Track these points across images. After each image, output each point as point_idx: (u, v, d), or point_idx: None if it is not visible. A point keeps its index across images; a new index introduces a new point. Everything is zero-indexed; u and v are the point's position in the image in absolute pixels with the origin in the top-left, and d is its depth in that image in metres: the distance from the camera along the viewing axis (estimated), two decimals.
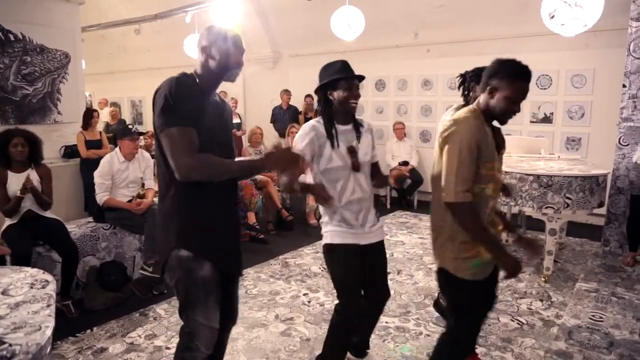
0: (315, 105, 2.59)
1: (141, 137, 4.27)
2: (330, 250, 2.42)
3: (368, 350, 2.79)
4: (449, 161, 1.93)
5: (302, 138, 2.32)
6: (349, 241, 2.36)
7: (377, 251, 2.49)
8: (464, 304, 2.12)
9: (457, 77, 2.95)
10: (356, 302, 2.41)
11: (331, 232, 2.39)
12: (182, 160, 1.70)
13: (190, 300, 1.90)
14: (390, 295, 2.61)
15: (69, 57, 5.48)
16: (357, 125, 2.42)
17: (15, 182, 3.47)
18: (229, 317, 2.10)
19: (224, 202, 1.97)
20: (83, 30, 7.16)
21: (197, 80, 1.88)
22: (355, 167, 2.36)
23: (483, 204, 2.00)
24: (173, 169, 1.73)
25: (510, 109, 1.94)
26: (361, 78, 2.36)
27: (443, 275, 2.12)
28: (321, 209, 2.47)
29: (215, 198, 1.90)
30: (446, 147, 1.96)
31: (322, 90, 2.34)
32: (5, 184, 3.45)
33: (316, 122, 2.37)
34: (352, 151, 2.34)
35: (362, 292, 2.48)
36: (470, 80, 2.86)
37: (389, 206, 6.80)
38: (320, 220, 2.51)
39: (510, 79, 1.89)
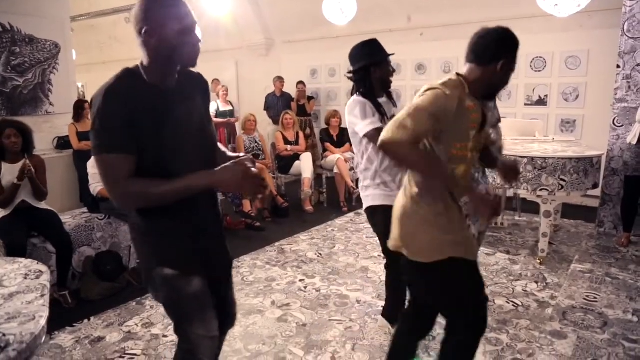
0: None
1: None
2: (374, 212, 2.59)
3: None
4: (404, 110, 1.73)
5: (362, 107, 2.48)
6: (388, 202, 2.46)
7: None
8: (468, 292, 1.94)
9: None
10: (397, 262, 2.44)
11: (372, 195, 2.58)
12: (113, 192, 1.51)
13: (186, 316, 1.70)
14: None
15: (58, 47, 5.43)
16: (391, 97, 2.68)
17: (9, 172, 3.45)
18: (224, 321, 1.91)
19: (204, 202, 1.73)
20: (72, 19, 7.09)
21: (144, 74, 1.55)
22: None
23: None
24: (110, 198, 1.55)
25: (507, 83, 1.87)
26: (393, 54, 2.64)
27: (439, 268, 1.88)
28: (362, 174, 2.61)
29: (187, 204, 1.61)
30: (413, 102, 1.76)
31: (365, 69, 2.53)
32: None
33: (360, 97, 2.53)
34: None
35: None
36: None
37: None
38: (360, 186, 2.66)
39: (515, 52, 1.82)
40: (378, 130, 2.35)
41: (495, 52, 1.79)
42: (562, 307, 3.25)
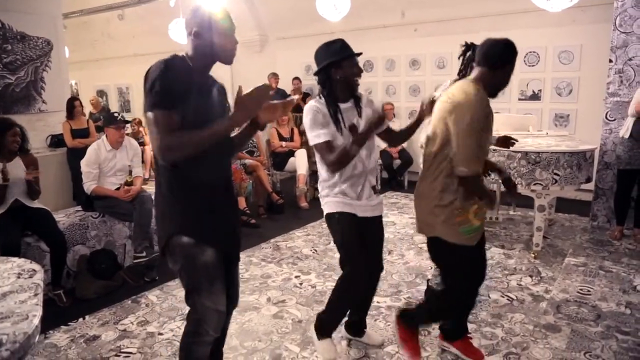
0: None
1: (127, 125, 4.22)
2: (331, 219, 2.48)
3: (365, 329, 2.82)
4: (464, 137, 2.05)
5: (314, 116, 2.33)
6: (347, 210, 2.42)
7: (374, 225, 2.54)
8: (458, 269, 2.30)
9: (463, 45, 2.60)
10: (361, 266, 2.40)
11: (329, 202, 2.46)
12: (159, 143, 1.70)
13: (196, 285, 1.90)
14: (383, 270, 2.65)
15: (51, 44, 5.40)
16: (357, 101, 2.45)
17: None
18: (230, 300, 2.07)
19: (220, 184, 1.97)
20: (65, 16, 7.04)
21: (189, 62, 1.85)
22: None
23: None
24: (155, 152, 1.75)
25: (507, 83, 2.22)
26: (360, 54, 2.41)
27: (435, 244, 2.30)
28: (320, 184, 2.51)
29: (211, 180, 1.90)
30: (454, 117, 2.07)
31: (325, 70, 2.35)
32: None
33: (317, 103, 2.38)
34: (353, 129, 2.29)
35: None
36: (473, 54, 2.64)
37: (379, 187, 6.81)
38: (320, 194, 2.53)
39: (516, 58, 2.16)
40: (324, 146, 2.29)
41: (505, 59, 2.13)
42: (556, 301, 3.27)
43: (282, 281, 3.75)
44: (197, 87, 1.81)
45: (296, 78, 8.01)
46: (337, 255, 4.12)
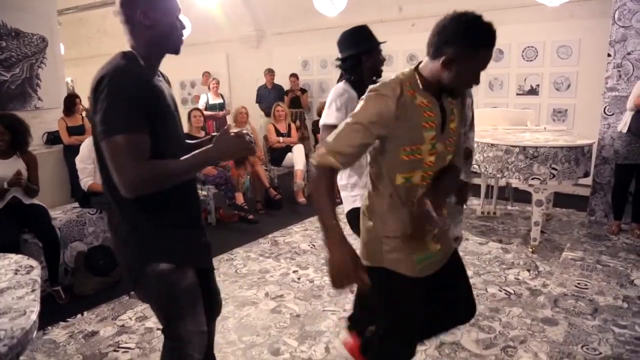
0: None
1: None
2: (357, 215, 2.39)
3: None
4: (341, 124, 1.59)
5: (337, 97, 2.36)
6: None
7: None
8: (400, 308, 1.75)
9: None
10: None
11: (361, 196, 2.32)
12: (128, 175, 1.42)
13: (178, 312, 1.69)
14: None
15: (46, 41, 5.37)
16: None
17: (0, 167, 3.42)
18: (212, 311, 1.94)
19: (188, 195, 1.72)
20: (60, 13, 7.00)
21: (140, 60, 1.54)
22: None
23: (411, 194, 1.64)
24: (117, 184, 1.44)
25: (471, 83, 1.56)
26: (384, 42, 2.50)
27: (376, 275, 1.67)
28: (345, 172, 2.43)
29: (179, 193, 1.64)
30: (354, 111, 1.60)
31: (355, 57, 2.41)
32: None
33: (345, 85, 2.43)
34: None
35: None
36: None
37: None
38: (343, 183, 2.44)
39: (472, 49, 1.45)
40: (327, 127, 2.29)
41: (439, 44, 1.49)
42: (553, 295, 3.28)
43: (280, 276, 3.75)
44: (157, 91, 1.55)
45: (293, 75, 7.99)
46: None
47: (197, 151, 1.55)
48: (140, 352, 2.73)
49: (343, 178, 2.45)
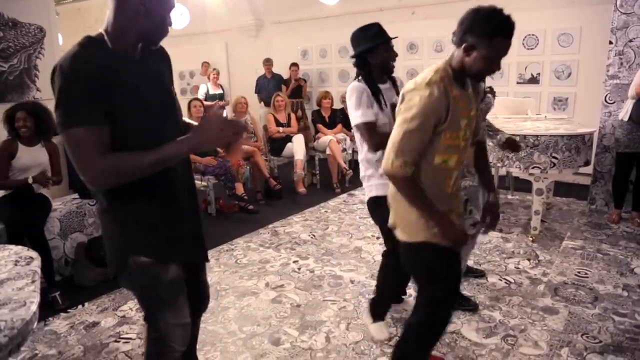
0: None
1: None
2: (376, 203, 2.48)
3: (404, 297, 2.98)
4: (396, 128, 1.75)
5: (360, 95, 2.39)
6: None
7: None
8: (442, 276, 1.95)
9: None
10: None
11: (377, 185, 2.47)
12: (86, 170, 1.39)
13: (159, 305, 1.66)
14: None
15: (43, 31, 5.32)
16: (394, 82, 2.55)
17: (26, 155, 3.45)
18: (199, 306, 1.91)
19: (176, 186, 1.65)
20: (58, 3, 6.95)
21: (108, 41, 1.45)
22: None
23: (445, 176, 1.83)
24: (81, 177, 1.41)
25: (488, 69, 1.70)
26: (395, 38, 2.48)
27: (418, 250, 1.91)
28: (363, 165, 2.52)
29: (162, 185, 1.58)
30: (401, 109, 1.76)
31: (362, 54, 2.43)
32: (11, 158, 3.40)
33: (359, 83, 2.45)
34: (394, 107, 2.39)
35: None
36: None
37: None
38: (362, 176, 2.55)
39: (489, 37, 1.61)
40: (367, 125, 2.35)
41: (461, 34, 1.68)
42: (553, 284, 3.28)
43: (281, 266, 3.76)
44: (124, 75, 1.44)
45: (294, 64, 7.94)
46: (335, 240, 4.12)
47: (173, 142, 1.47)
48: (141, 343, 2.74)
49: (362, 169, 2.54)
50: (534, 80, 6.19)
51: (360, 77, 2.48)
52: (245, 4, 8.52)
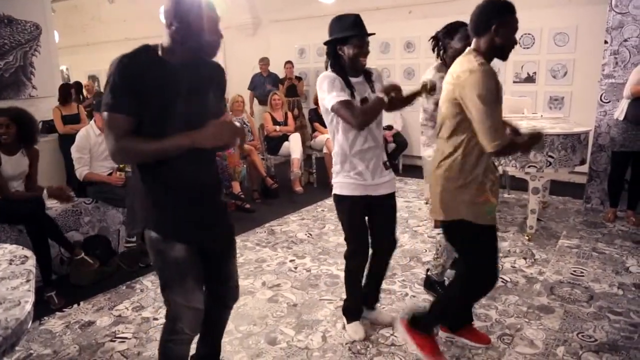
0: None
1: None
2: (339, 201, 2.50)
3: (378, 304, 2.89)
4: (478, 112, 1.96)
5: (331, 81, 2.32)
6: (357, 193, 2.43)
7: (386, 203, 2.56)
8: (482, 250, 2.22)
9: (430, 40, 2.94)
10: (363, 249, 2.54)
11: (340, 184, 2.46)
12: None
13: (167, 281, 1.85)
14: (397, 246, 2.70)
15: (39, 28, 5.31)
16: (369, 76, 2.46)
17: (8, 165, 3.35)
18: (221, 297, 2.04)
19: (196, 176, 1.82)
20: (54, 0, 6.91)
21: (160, 52, 1.71)
22: None
23: (485, 152, 2.07)
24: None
25: (514, 42, 2.04)
26: (371, 35, 2.39)
27: (457, 227, 2.19)
28: (333, 157, 2.50)
29: (184, 173, 1.76)
30: (467, 95, 1.98)
31: (332, 44, 2.35)
32: None
33: (331, 72, 2.38)
34: (365, 103, 2.37)
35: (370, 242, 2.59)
36: (444, 38, 2.87)
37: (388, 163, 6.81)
38: (333, 169, 2.53)
39: (510, 14, 2.01)
40: (344, 103, 2.25)
41: (485, 20, 2.01)
42: (549, 282, 3.29)
43: (277, 265, 3.75)
44: (164, 81, 1.67)
45: (288, 62, 7.93)
46: (332, 239, 4.11)
47: (181, 134, 1.66)
48: (137, 342, 2.74)
49: (333, 163, 2.52)
50: (530, 79, 6.19)
51: (329, 67, 2.40)
52: (243, 2, 8.50)
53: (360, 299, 2.74)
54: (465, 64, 2.03)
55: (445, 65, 2.80)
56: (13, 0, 5.03)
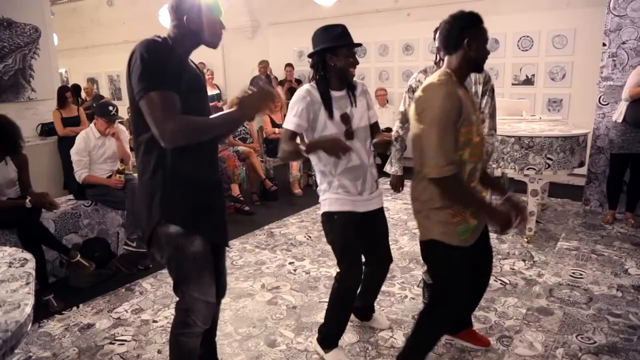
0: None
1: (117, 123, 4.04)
2: (329, 219, 2.37)
3: (373, 314, 2.86)
4: (427, 135, 1.86)
5: (297, 103, 2.26)
6: (347, 208, 2.32)
7: (377, 218, 2.48)
8: (453, 272, 2.07)
9: (435, 30, 2.69)
10: (357, 270, 2.40)
11: (329, 200, 2.34)
12: (166, 125, 1.60)
13: (184, 276, 1.86)
14: (392, 260, 2.62)
15: (38, 31, 5.31)
16: (352, 90, 2.35)
17: None
18: (219, 290, 2.06)
19: (207, 171, 1.90)
20: (53, 3, 6.93)
21: (171, 43, 1.77)
22: (349, 135, 2.28)
23: (460, 170, 1.94)
24: (157, 136, 1.63)
25: (487, 52, 1.98)
26: (359, 45, 2.34)
27: (429, 247, 2.07)
28: (318, 177, 2.41)
29: (198, 167, 1.84)
30: (422, 117, 1.88)
31: (320, 54, 2.26)
32: None
33: (310, 87, 2.30)
34: (345, 119, 2.27)
35: (364, 259, 2.47)
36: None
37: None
38: (318, 189, 2.44)
39: (480, 25, 1.95)
40: (286, 133, 2.24)
41: (456, 36, 1.92)
42: (548, 284, 3.30)
43: (276, 267, 3.75)
44: (184, 71, 1.76)
45: (289, 65, 7.94)
46: None
47: (226, 112, 1.77)
48: (136, 345, 2.73)
49: (319, 182, 2.42)
50: (528, 81, 6.21)
51: (311, 80, 2.32)
52: (241, 5, 8.51)
53: (344, 326, 2.53)
54: (432, 78, 1.96)
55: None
56: (12, 3, 5.03)
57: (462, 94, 1.92)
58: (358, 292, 2.51)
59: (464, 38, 1.90)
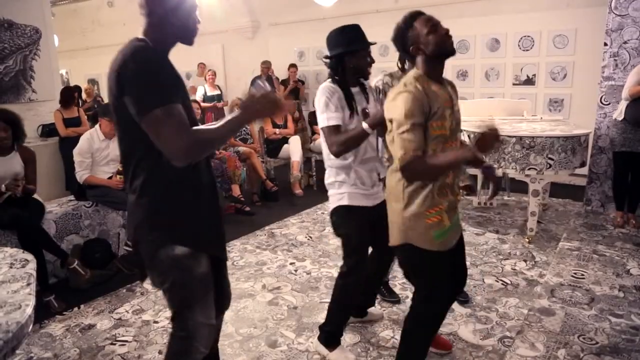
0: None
1: None
2: (347, 212, 2.38)
3: (372, 306, 2.90)
4: (396, 133, 1.83)
5: (330, 99, 2.29)
6: (363, 203, 2.38)
7: (382, 211, 2.50)
8: (432, 277, 2.03)
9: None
10: (365, 263, 2.45)
11: (349, 194, 2.36)
12: (179, 143, 1.46)
13: (190, 301, 1.69)
14: (394, 255, 2.62)
15: (39, 32, 5.32)
16: (364, 87, 2.46)
17: (1, 166, 3.36)
18: (222, 302, 1.94)
19: (206, 182, 1.75)
20: (53, 4, 6.94)
21: (152, 45, 1.59)
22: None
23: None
24: (168, 155, 1.49)
25: (444, 41, 1.89)
26: (374, 43, 2.40)
27: (406, 251, 2.02)
28: (332, 170, 2.41)
29: (194, 179, 1.68)
30: (390, 117, 1.88)
31: (339, 56, 2.32)
32: None
33: (331, 85, 2.35)
34: (365, 113, 2.36)
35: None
36: None
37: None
38: (331, 181, 2.42)
39: (413, 20, 1.92)
40: (332, 129, 2.25)
41: (402, 43, 1.94)
42: (550, 285, 3.29)
43: (277, 268, 3.75)
44: (176, 76, 1.62)
45: (292, 65, 7.93)
46: (332, 241, 4.10)
47: (229, 118, 1.61)
48: (137, 345, 2.73)
49: (331, 176, 2.42)
50: (529, 81, 6.20)
51: (331, 80, 2.37)
52: (241, 6, 8.52)
53: (345, 322, 2.59)
54: (397, 87, 1.92)
55: None
56: (13, 4, 5.04)
57: (436, 88, 1.90)
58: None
59: (410, 46, 1.90)
